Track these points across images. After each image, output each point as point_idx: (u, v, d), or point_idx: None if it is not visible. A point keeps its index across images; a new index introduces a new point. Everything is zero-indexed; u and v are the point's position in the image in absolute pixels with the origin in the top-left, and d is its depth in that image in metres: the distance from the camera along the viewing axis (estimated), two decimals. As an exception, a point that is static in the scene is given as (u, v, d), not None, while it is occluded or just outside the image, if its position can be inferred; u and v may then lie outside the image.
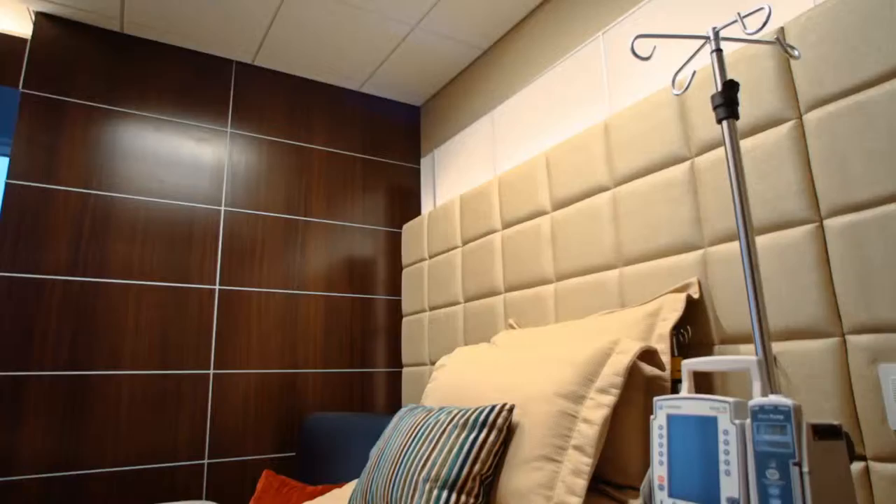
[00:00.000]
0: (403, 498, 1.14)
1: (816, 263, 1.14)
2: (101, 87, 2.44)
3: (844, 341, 1.09)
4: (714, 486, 0.79)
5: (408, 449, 1.22)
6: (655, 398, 0.91)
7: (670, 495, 0.85)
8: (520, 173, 2.01)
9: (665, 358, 1.26)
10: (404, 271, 2.75)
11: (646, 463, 1.22)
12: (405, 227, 2.83)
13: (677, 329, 1.35)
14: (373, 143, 3.04)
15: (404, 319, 2.70)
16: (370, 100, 3.08)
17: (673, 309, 1.32)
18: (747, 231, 0.95)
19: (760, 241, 1.24)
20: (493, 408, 1.18)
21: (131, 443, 2.24)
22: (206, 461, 2.37)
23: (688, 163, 1.44)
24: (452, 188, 2.66)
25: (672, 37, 1.08)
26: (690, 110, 1.44)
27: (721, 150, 1.35)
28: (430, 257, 2.52)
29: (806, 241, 1.16)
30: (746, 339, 1.27)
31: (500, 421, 1.16)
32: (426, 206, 2.89)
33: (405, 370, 2.65)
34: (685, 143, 1.45)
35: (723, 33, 1.40)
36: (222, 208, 2.60)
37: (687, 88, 1.26)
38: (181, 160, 2.54)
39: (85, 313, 2.25)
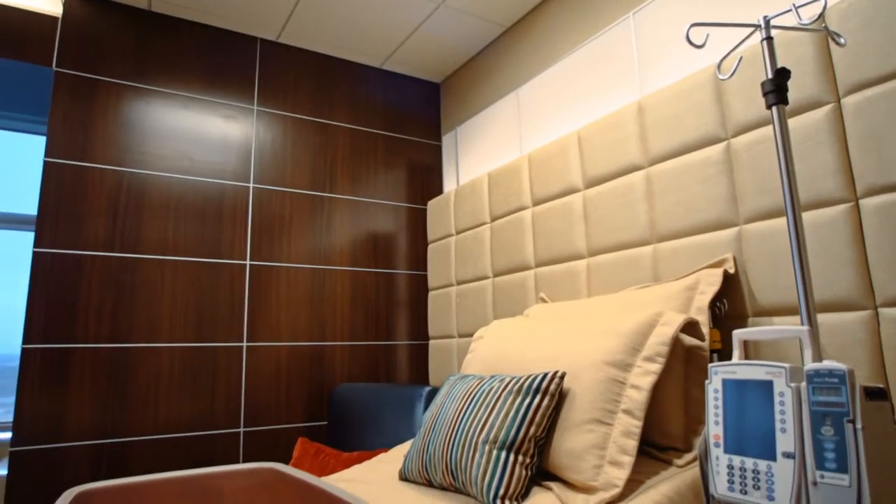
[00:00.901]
0: (464, 458, 1.23)
1: (852, 240, 1.21)
2: (130, 66, 2.47)
3: (877, 314, 1.17)
4: (769, 442, 0.88)
5: (464, 413, 1.30)
6: (710, 365, 0.99)
7: (725, 451, 0.94)
8: (551, 151, 2.07)
9: (704, 329, 1.34)
10: (430, 247, 2.82)
11: (686, 426, 1.31)
12: (430, 203, 2.89)
13: (714, 302, 1.43)
14: (394, 120, 3.08)
15: (430, 293, 2.78)
16: (391, 77, 3.11)
17: (710, 283, 1.39)
18: (795, 210, 1.02)
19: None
20: (545, 375, 1.26)
21: (171, 412, 2.33)
22: (241, 429, 2.47)
23: (724, 143, 1.50)
24: (477, 165, 2.71)
25: (724, 25, 1.14)
26: (727, 93, 1.49)
27: (758, 132, 1.41)
28: (458, 233, 2.58)
29: (842, 220, 1.23)
30: (780, 312, 1.35)
31: (552, 387, 1.24)
32: (448, 183, 2.95)
33: (432, 342, 2.74)
34: (721, 125, 1.51)
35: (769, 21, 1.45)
36: (251, 185, 2.65)
37: (733, 73, 1.31)
38: (210, 138, 2.59)
39: (123, 288, 2.32)
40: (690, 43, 1.14)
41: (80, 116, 2.34)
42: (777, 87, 1.05)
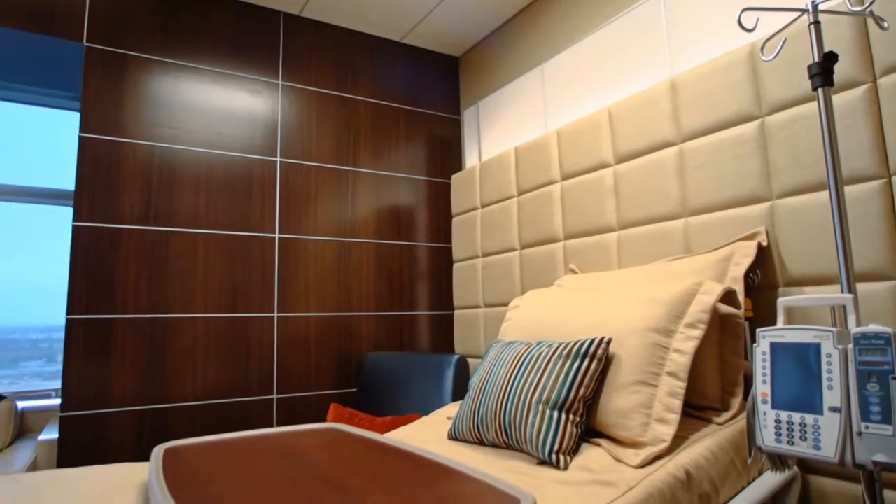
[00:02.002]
0: (517, 418, 1.33)
1: (884, 215, 1.29)
2: (158, 40, 2.49)
3: (905, 282, 1.26)
4: (816, 398, 0.97)
5: (516, 376, 1.39)
6: (759, 329, 1.07)
7: (773, 407, 1.03)
8: (581, 127, 2.12)
9: (740, 298, 1.43)
10: (454, 220, 2.89)
11: (722, 388, 1.41)
12: (454, 177, 2.95)
13: (748, 273, 1.51)
14: (414, 94, 3.11)
15: (455, 265, 2.86)
16: (411, 51, 3.13)
17: (745, 255, 1.48)
18: (838, 187, 1.10)
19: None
20: (592, 340, 1.35)
21: (208, 379, 2.43)
22: (274, 396, 2.57)
23: (758, 121, 1.56)
24: (500, 140, 2.76)
25: (773, 10, 1.19)
26: (762, 72, 1.55)
27: (793, 111, 1.48)
28: (483, 206, 2.65)
29: (875, 195, 1.31)
30: (810, 282, 1.43)
31: (599, 352, 1.33)
32: (470, 157, 3.00)
33: (457, 312, 2.83)
34: (756, 103, 1.57)
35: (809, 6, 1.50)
36: (278, 159, 2.70)
37: (777, 55, 1.37)
38: (237, 112, 2.62)
39: (159, 260, 2.39)
40: (742, 27, 1.20)
41: (112, 92, 2.37)
42: (824, 70, 1.12)
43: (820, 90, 1.13)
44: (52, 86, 2.70)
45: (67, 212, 2.79)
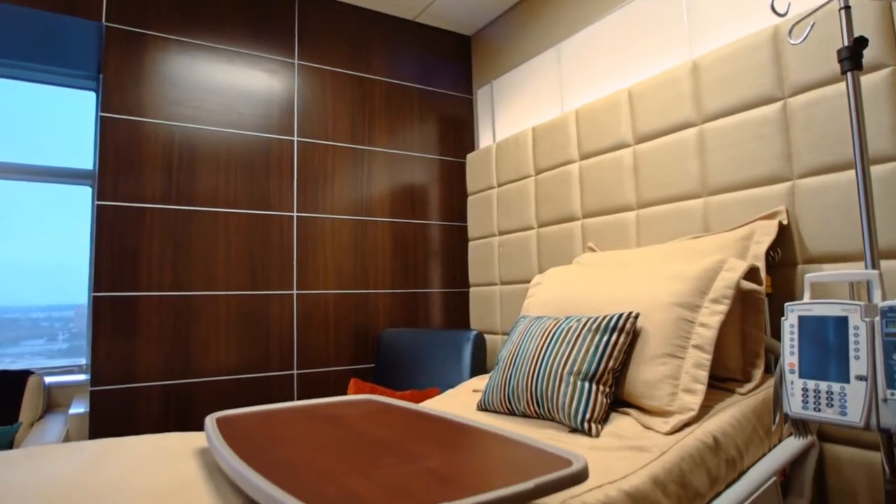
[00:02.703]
0: (549, 388, 1.39)
1: (903, 194, 1.34)
2: (175, 19, 2.50)
3: (923, 259, 1.31)
4: (843, 367, 1.03)
5: (546, 349, 1.46)
6: (786, 304, 1.13)
7: (800, 376, 1.09)
8: (600, 107, 2.16)
9: (762, 275, 1.49)
10: (470, 198, 2.93)
11: (744, 360, 1.47)
12: (470, 156, 2.98)
13: (769, 251, 1.57)
14: (427, 73, 3.13)
15: (471, 243, 2.91)
16: (424, 30, 3.14)
17: (766, 233, 1.53)
18: (864, 167, 1.14)
19: (850, 174, 1.43)
20: (620, 315, 1.41)
21: (231, 355, 2.49)
22: (294, 371, 2.64)
23: (780, 103, 1.60)
24: (515, 120, 2.79)
25: (804, -6, 1.23)
26: (785, 54, 1.59)
27: (816, 93, 1.52)
28: (500, 185, 2.69)
29: (894, 176, 1.36)
30: (828, 259, 1.49)
31: (627, 325, 1.39)
32: (484, 137, 3.03)
33: (472, 290, 2.89)
34: (778, 85, 1.61)
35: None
36: (295, 138, 2.72)
37: (805, 39, 1.41)
38: (255, 92, 2.64)
39: (181, 239, 2.43)
40: (775, 12, 1.23)
41: (132, 71, 2.39)
42: (853, 55, 1.16)
43: (849, 74, 1.17)
44: (65, 65, 2.71)
45: (71, 190, 2.81)
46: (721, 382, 1.45)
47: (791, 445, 1.35)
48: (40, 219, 2.78)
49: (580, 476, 0.85)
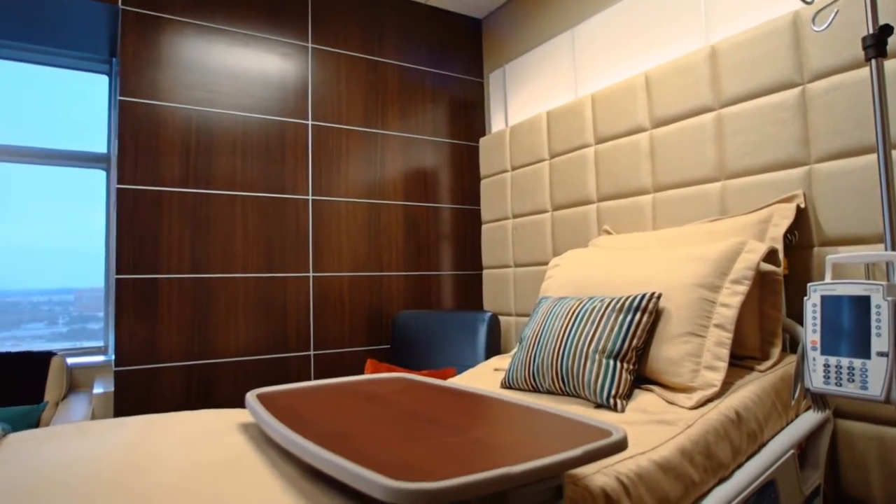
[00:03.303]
0: (575, 366, 1.44)
1: (920, 178, 1.38)
2: (191, 2, 2.50)
3: (938, 241, 1.36)
4: (865, 344, 1.08)
5: (571, 329, 1.50)
6: (809, 284, 1.18)
7: (822, 353, 1.14)
8: (616, 92, 2.19)
9: (780, 257, 1.53)
10: (483, 182, 2.96)
11: (762, 339, 1.53)
12: (483, 140, 3.01)
13: (786, 234, 1.61)
14: (438, 57, 3.14)
15: (484, 226, 2.95)
16: (435, 13, 3.14)
17: (784, 216, 1.57)
18: (886, 152, 1.18)
19: (870, 158, 1.47)
20: (643, 295, 1.45)
21: (249, 336, 2.53)
22: (311, 352, 2.69)
23: (799, 88, 1.64)
24: (527, 104, 2.81)
25: (830, -18, 1.26)
26: (805, 40, 1.62)
27: (835, 79, 1.55)
28: (514, 169, 2.72)
29: (913, 160, 1.39)
30: (844, 242, 1.54)
31: (650, 305, 1.44)
32: (496, 121, 3.05)
33: (486, 272, 2.93)
34: (797, 70, 1.64)
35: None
36: (309, 122, 2.74)
37: (828, 25, 1.43)
38: (269, 75, 2.66)
39: (200, 222, 2.46)
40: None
41: (148, 55, 2.40)
42: (878, 42, 1.19)
43: (873, 61, 1.21)
44: (77, 48, 2.72)
45: (76, 173, 2.83)
46: (740, 360, 1.51)
47: (807, 420, 1.41)
48: (42, 203, 2.81)
49: (621, 445, 0.90)
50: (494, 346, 2.49)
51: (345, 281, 2.79)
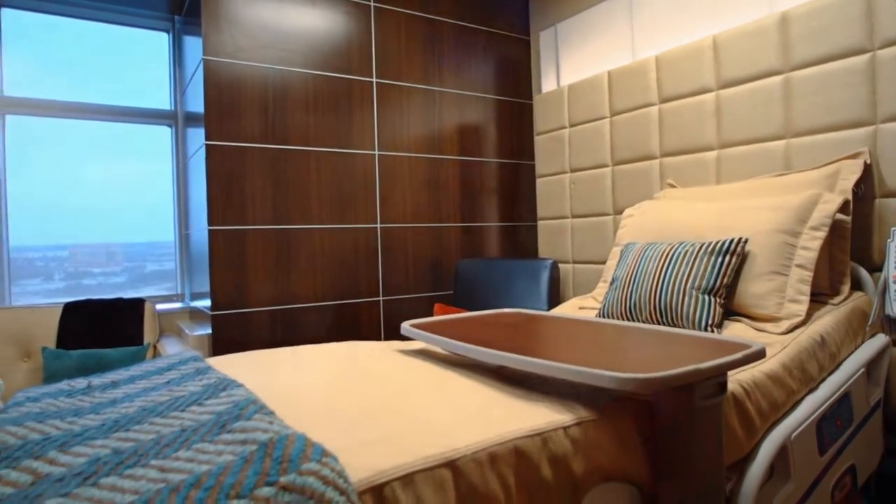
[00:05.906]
0: (674, 301, 1.66)
1: (980, 137, 1.59)
2: (261, -41, 2.58)
3: None
4: (944, 277, 1.30)
5: (666, 269, 1.72)
6: (893, 228, 1.39)
7: (903, 286, 1.37)
8: (681, 54, 2.34)
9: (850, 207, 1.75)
10: (538, 138, 3.13)
11: (832, 279, 1.75)
12: (538, 97, 3.15)
13: (854, 187, 1.81)
14: (488, 14, 3.24)
15: (539, 180, 3.13)
16: (487, -29, 3.23)
17: (852, 171, 1.78)
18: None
19: (934, 119, 1.67)
20: (732, 240, 1.66)
21: (326, 284, 2.73)
22: (380, 298, 2.90)
23: (869, 55, 1.81)
24: (581, 64, 2.95)
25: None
26: (877, 8, 1.78)
27: (904, 45, 1.73)
28: (572, 126, 2.89)
29: (974, 120, 1.59)
30: (904, 193, 1.75)
31: (738, 249, 1.65)
32: (547, 79, 3.19)
33: (541, 223, 3.13)
34: (868, 38, 1.81)
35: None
36: (374, 80, 2.87)
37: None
38: (336, 34, 2.76)
39: (279, 177, 2.62)
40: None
41: (227, 14, 2.50)
42: (963, 17, 1.37)
43: (956, 34, 1.39)
44: (139, 5, 2.80)
45: (161, 131, 2.94)
46: (814, 296, 1.74)
47: (872, 346, 1.65)
48: (106, 159, 2.92)
49: (762, 353, 1.12)
50: (555, 292, 2.71)
51: (409, 231, 2.98)
